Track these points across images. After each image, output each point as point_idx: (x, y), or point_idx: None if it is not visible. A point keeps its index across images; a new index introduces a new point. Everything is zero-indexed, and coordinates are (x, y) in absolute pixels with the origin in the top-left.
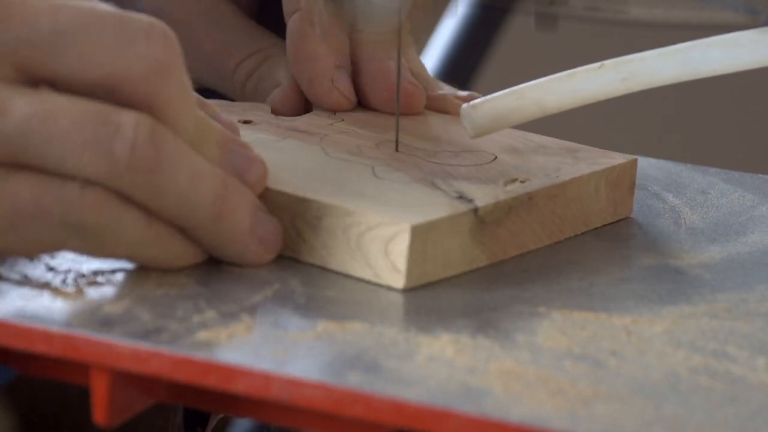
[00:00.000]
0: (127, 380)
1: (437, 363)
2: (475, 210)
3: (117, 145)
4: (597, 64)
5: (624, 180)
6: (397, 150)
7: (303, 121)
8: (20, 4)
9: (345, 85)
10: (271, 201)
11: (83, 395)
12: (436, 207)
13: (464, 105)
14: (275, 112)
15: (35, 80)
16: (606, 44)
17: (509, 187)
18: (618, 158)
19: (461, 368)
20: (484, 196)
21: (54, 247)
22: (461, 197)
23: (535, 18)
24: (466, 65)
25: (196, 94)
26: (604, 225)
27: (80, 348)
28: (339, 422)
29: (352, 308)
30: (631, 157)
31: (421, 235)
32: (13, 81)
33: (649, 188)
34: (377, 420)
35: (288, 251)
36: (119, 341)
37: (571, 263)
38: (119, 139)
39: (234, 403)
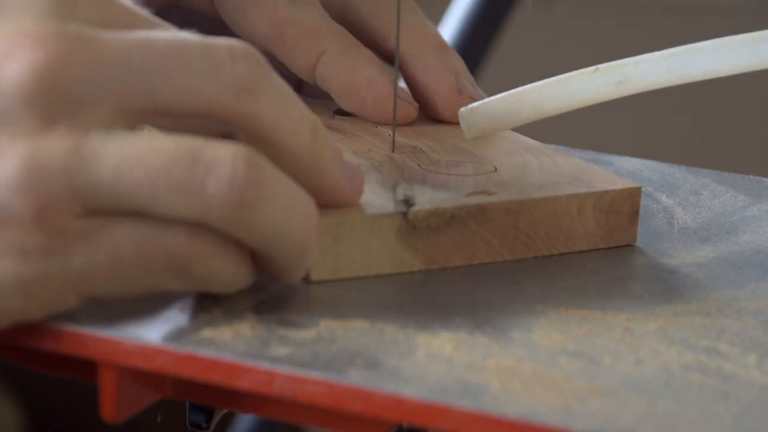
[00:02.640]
0: (134, 377)
1: (436, 360)
2: (404, 214)
3: (210, 184)
4: (592, 68)
5: (622, 207)
6: (393, 152)
7: (355, 122)
8: (112, 42)
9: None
10: None
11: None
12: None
13: (462, 108)
14: (375, 117)
15: (132, 119)
16: (602, 25)
17: (471, 199)
18: (617, 183)
19: (459, 365)
20: (428, 203)
21: (154, 289)
22: (406, 201)
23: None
24: (472, 54)
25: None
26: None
27: (88, 345)
28: (340, 418)
29: (354, 306)
30: (632, 184)
31: (330, 231)
32: (110, 123)
33: (643, 189)
34: (378, 416)
35: None
36: (126, 338)
37: (566, 263)
38: (213, 177)
39: (238, 399)
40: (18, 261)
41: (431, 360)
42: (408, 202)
